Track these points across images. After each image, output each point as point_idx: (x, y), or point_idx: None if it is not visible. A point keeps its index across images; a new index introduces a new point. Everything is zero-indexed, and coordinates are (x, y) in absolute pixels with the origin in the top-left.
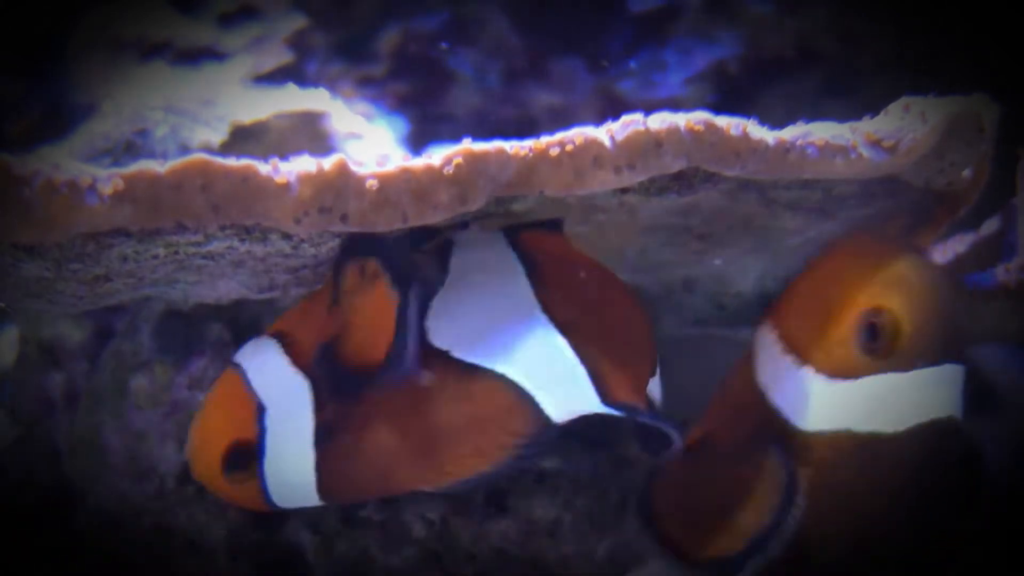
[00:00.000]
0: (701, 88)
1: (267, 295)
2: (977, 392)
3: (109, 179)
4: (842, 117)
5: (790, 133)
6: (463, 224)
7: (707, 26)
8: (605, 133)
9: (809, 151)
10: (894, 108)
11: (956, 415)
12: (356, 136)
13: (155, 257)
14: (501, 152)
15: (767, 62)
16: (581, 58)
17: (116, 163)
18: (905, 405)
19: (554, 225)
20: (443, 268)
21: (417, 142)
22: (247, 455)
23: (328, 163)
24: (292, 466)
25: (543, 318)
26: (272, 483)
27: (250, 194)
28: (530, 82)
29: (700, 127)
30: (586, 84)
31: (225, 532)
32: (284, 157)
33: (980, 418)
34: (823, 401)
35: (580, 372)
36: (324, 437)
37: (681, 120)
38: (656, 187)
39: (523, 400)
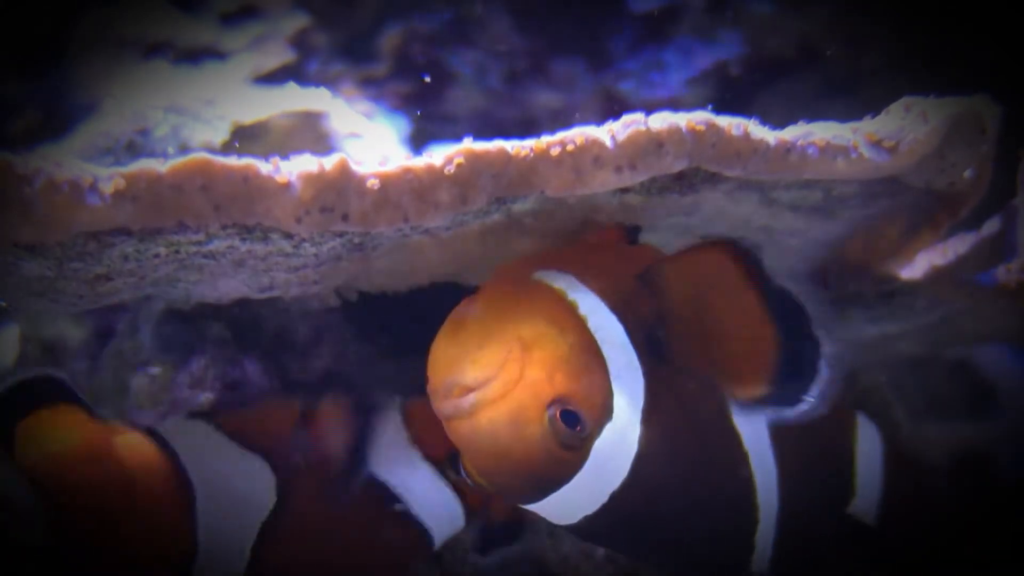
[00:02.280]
0: (702, 88)
1: (268, 294)
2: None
3: (110, 178)
4: (843, 117)
5: (791, 133)
6: None
7: (709, 26)
8: (606, 133)
9: (810, 151)
10: (895, 108)
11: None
12: (357, 136)
13: (156, 256)
14: (502, 152)
15: (768, 62)
16: (582, 58)
17: (117, 162)
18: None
19: None
20: None
21: (418, 142)
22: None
23: (329, 163)
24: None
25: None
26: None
27: (251, 193)
28: (531, 82)
29: (701, 127)
30: (587, 84)
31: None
32: (285, 156)
33: (982, 419)
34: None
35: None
36: None
37: (682, 120)
38: (657, 187)
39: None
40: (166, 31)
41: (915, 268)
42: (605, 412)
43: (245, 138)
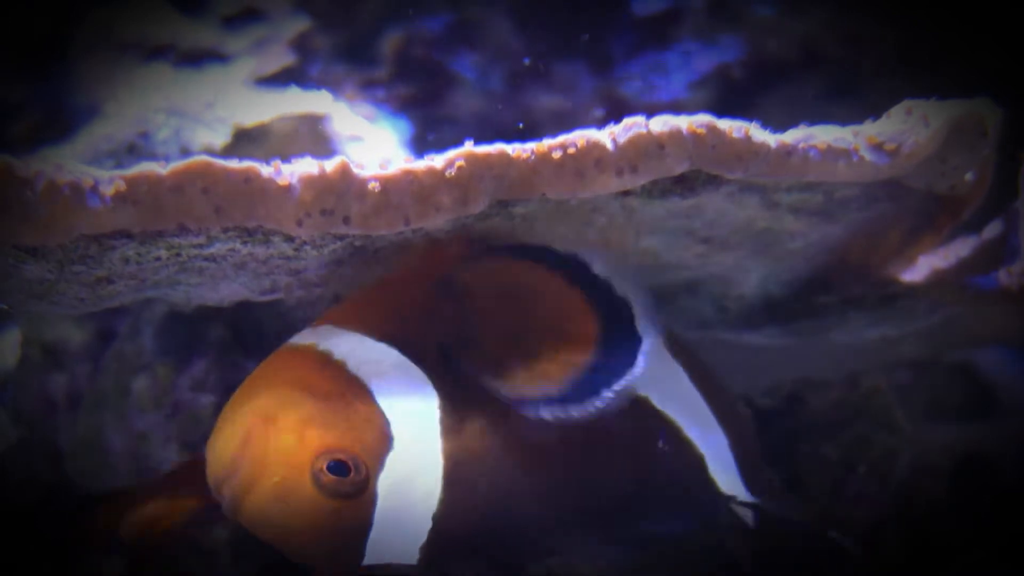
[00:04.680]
0: (704, 91)
1: (269, 297)
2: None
3: (111, 181)
4: (844, 120)
5: (792, 136)
6: None
7: (710, 29)
8: (607, 136)
9: (811, 154)
10: (896, 111)
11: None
12: (359, 138)
13: (157, 259)
14: (503, 154)
15: (770, 65)
16: (584, 61)
17: (119, 165)
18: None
19: None
20: None
21: (420, 144)
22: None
23: (330, 165)
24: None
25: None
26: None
27: (252, 196)
28: (533, 85)
29: (702, 130)
30: (588, 87)
31: (227, 533)
32: (287, 159)
33: (983, 421)
34: None
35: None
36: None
37: (683, 123)
38: (658, 190)
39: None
40: (168, 34)
41: (916, 271)
42: (381, 445)
43: (246, 141)
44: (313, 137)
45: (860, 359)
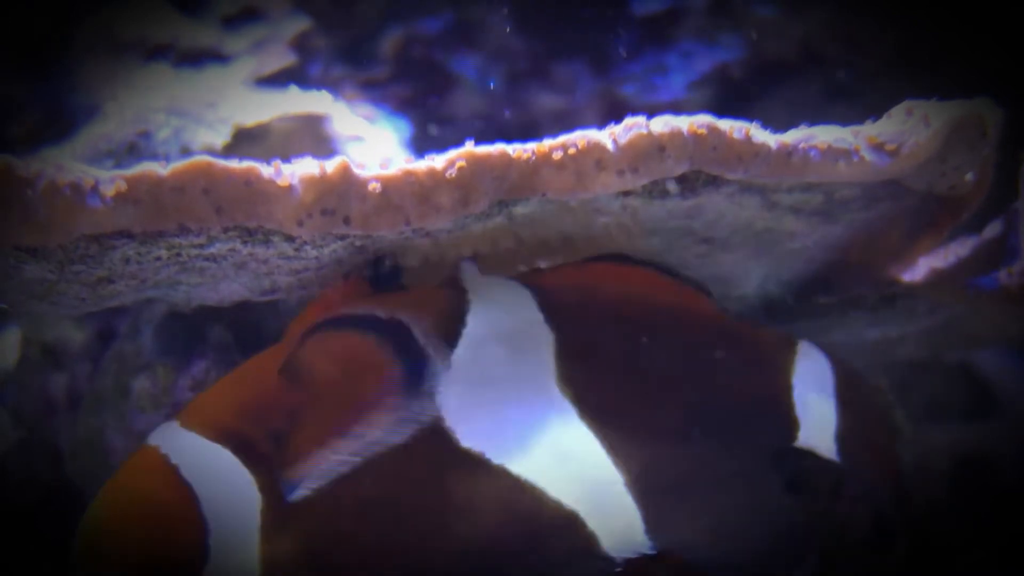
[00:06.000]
0: (704, 91)
1: (269, 297)
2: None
3: (112, 181)
4: (845, 121)
5: (792, 137)
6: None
7: (710, 29)
8: (608, 136)
9: (812, 155)
10: (897, 112)
11: None
12: (359, 138)
13: (157, 259)
14: (504, 155)
15: (770, 65)
16: (584, 61)
17: (119, 165)
18: None
19: None
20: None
21: (420, 144)
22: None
23: (331, 166)
24: None
25: (577, 422)
26: None
27: (253, 196)
28: (533, 85)
29: (703, 131)
30: (588, 87)
31: None
32: (287, 159)
33: (983, 421)
34: None
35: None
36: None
37: (684, 123)
38: (659, 190)
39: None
40: (168, 34)
41: (916, 271)
42: (199, 557)
43: (247, 141)
44: (313, 137)
45: (860, 359)
